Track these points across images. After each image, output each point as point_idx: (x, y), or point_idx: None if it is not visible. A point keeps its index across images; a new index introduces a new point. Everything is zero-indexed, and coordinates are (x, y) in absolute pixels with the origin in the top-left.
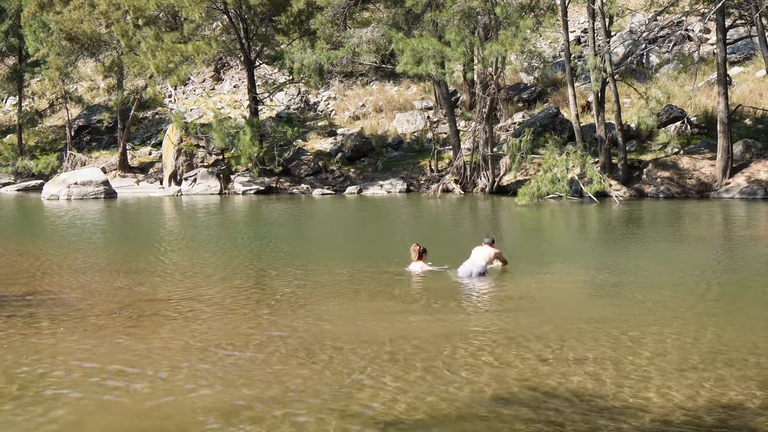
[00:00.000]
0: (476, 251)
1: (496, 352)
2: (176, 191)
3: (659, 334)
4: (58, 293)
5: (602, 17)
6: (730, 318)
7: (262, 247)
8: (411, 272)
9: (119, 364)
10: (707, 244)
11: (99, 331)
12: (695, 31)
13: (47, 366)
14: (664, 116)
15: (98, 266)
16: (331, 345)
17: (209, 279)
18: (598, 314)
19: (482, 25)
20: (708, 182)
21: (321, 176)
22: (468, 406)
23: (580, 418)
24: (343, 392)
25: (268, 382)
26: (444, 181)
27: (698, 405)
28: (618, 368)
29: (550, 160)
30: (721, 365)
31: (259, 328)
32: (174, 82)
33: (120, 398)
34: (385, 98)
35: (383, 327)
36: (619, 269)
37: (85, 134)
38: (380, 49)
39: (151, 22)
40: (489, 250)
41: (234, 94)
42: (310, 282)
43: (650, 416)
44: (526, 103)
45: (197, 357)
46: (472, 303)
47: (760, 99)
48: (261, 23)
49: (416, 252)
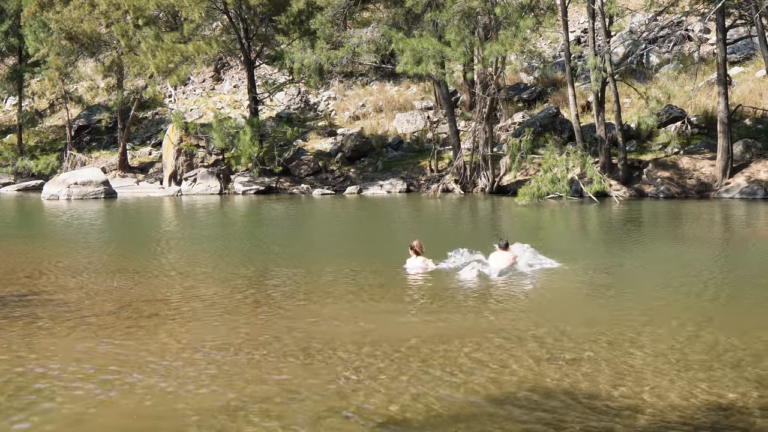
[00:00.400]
0: (495, 260)
1: (494, 352)
2: (176, 191)
3: (656, 334)
4: (58, 293)
5: (602, 17)
6: (728, 318)
7: (262, 247)
8: (411, 269)
9: (118, 364)
10: (707, 245)
11: (98, 331)
12: (695, 31)
13: (47, 366)
14: (664, 116)
15: (98, 266)
16: (330, 345)
17: (208, 279)
18: (597, 314)
19: (482, 25)
20: (708, 182)
21: (321, 176)
22: (465, 406)
23: (576, 418)
24: (340, 392)
25: (266, 383)
26: (444, 181)
27: (694, 405)
28: (614, 369)
29: (550, 160)
30: (718, 366)
31: (257, 328)
32: (174, 82)
33: (119, 398)
34: (385, 98)
35: (382, 327)
36: (618, 269)
37: (85, 134)
38: (380, 49)
39: (151, 22)
40: (507, 255)
41: (234, 94)
42: (310, 282)
43: (645, 417)
44: (526, 103)
45: (196, 357)
46: (471, 303)
47: (760, 99)
48: (261, 23)
49: (415, 248)
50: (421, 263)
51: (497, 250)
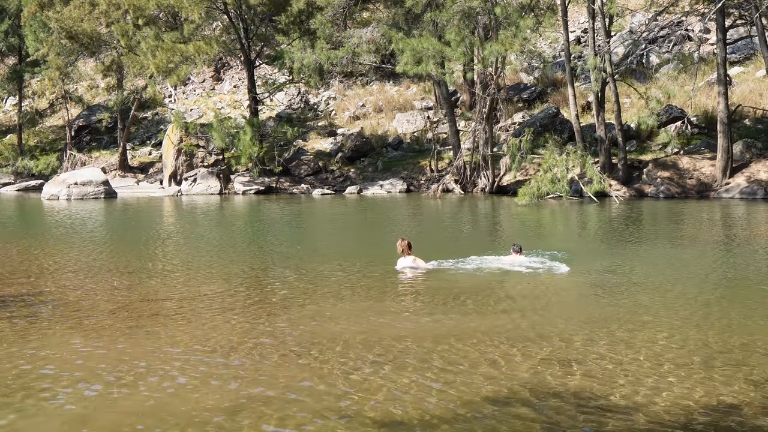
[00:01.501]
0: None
1: (495, 352)
2: (176, 191)
3: (656, 334)
4: (58, 293)
5: (602, 17)
6: (728, 318)
7: (261, 246)
8: (403, 269)
9: (118, 364)
10: (707, 245)
11: (98, 330)
12: (695, 31)
13: (47, 365)
14: (664, 116)
15: (98, 266)
16: (328, 345)
17: (208, 279)
18: (597, 314)
19: (482, 25)
20: (708, 182)
21: (321, 176)
22: (466, 406)
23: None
24: (339, 392)
25: (266, 382)
26: (444, 181)
27: (695, 405)
28: (616, 368)
29: (550, 160)
30: (718, 365)
31: (257, 327)
32: (174, 82)
33: (120, 397)
34: (385, 98)
35: (382, 327)
36: (618, 269)
37: (85, 134)
38: (380, 49)
39: (151, 22)
40: (521, 259)
41: (234, 94)
42: (309, 282)
43: (645, 416)
44: (526, 103)
45: (196, 357)
46: (471, 302)
47: (760, 99)
48: (261, 23)
49: (403, 247)
50: (411, 262)
51: (512, 253)
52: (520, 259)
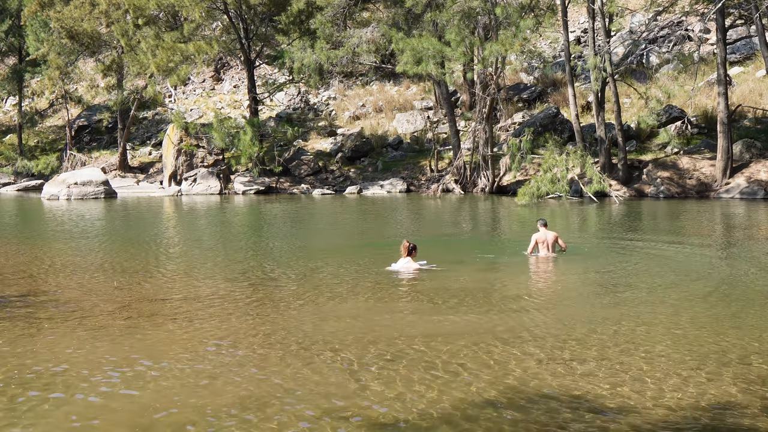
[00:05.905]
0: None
1: (494, 352)
2: (176, 191)
3: (656, 334)
4: (58, 293)
5: (602, 17)
6: (728, 318)
7: (261, 246)
8: (398, 270)
9: (119, 364)
10: (707, 245)
11: (99, 330)
12: (695, 31)
13: (48, 366)
14: (664, 116)
15: (98, 266)
16: (329, 345)
17: (208, 278)
18: (597, 314)
19: (482, 25)
20: (708, 182)
21: (321, 176)
22: (466, 406)
23: (576, 418)
24: (340, 392)
25: (267, 382)
26: (444, 181)
27: (695, 405)
28: (616, 368)
29: (550, 160)
30: (718, 365)
31: (258, 327)
32: (174, 82)
33: (121, 398)
34: (385, 98)
35: (382, 327)
36: (618, 269)
37: (85, 134)
38: (380, 49)
39: (151, 22)
40: (550, 234)
41: (234, 94)
42: (309, 282)
43: (645, 417)
44: (526, 103)
45: (196, 356)
46: (471, 302)
47: (760, 99)
48: (261, 23)
49: (405, 249)
50: (404, 264)
51: (539, 229)
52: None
